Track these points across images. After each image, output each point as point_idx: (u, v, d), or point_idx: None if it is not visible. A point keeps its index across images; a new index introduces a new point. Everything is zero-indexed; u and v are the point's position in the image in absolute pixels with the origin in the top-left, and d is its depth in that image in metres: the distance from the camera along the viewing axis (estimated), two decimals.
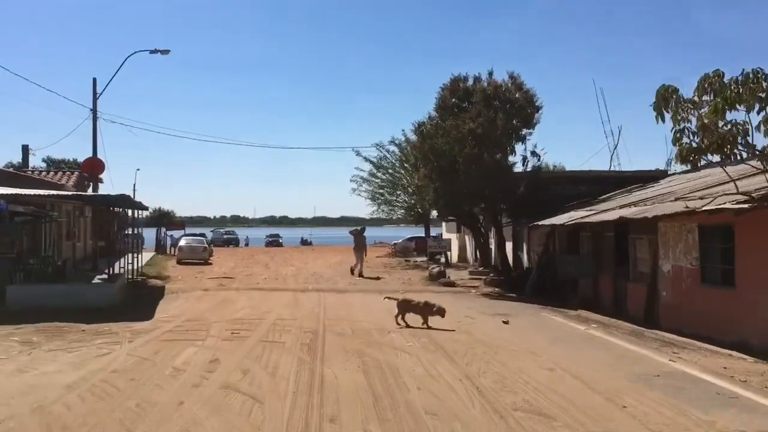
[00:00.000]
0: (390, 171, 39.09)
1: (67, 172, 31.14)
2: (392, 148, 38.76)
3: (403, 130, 38.38)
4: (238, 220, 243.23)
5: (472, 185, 23.32)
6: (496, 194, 23.75)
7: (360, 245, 30.17)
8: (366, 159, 39.48)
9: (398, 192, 39.16)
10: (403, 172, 38.48)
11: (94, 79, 32.06)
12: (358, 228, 33.23)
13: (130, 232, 31.50)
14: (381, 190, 39.58)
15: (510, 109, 23.52)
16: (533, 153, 24.21)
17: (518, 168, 24.69)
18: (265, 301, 19.48)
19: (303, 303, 19.06)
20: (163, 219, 57.39)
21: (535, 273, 23.33)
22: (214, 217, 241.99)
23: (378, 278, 28.22)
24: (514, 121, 23.61)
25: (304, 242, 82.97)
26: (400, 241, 56.19)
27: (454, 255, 39.73)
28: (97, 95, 32.04)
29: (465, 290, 24.19)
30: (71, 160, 59.28)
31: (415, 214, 39.26)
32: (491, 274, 26.04)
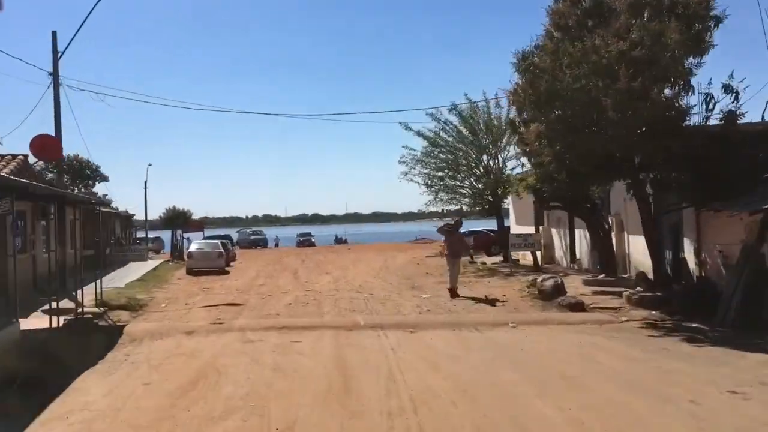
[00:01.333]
0: (449, 148, 29.26)
1: (6, 157, 22.01)
2: (452, 118, 28.94)
3: (466, 94, 28.65)
4: (270, 219, 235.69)
5: (624, 142, 13.73)
6: (667, 156, 14.03)
7: (457, 248, 20.04)
8: (418, 134, 29.72)
9: (461, 175, 29.35)
10: (467, 148, 28.74)
11: (54, 33, 23.02)
12: (451, 221, 23.02)
13: (142, 236, 23.18)
14: (439, 173, 29.77)
15: (681, 14, 13.77)
16: (727, 88, 14.26)
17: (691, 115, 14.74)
18: (279, 373, 9.58)
19: (357, 377, 9.12)
20: (176, 220, 48.12)
21: (736, 288, 13.54)
22: (246, 216, 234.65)
23: (490, 301, 17.54)
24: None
25: (339, 240, 73.70)
26: None
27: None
28: (59, 53, 23.00)
29: (610, 319, 14.49)
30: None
31: (484, 202, 29.42)
32: (638, 289, 16.28)
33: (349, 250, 55.98)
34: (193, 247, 34.09)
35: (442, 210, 28.86)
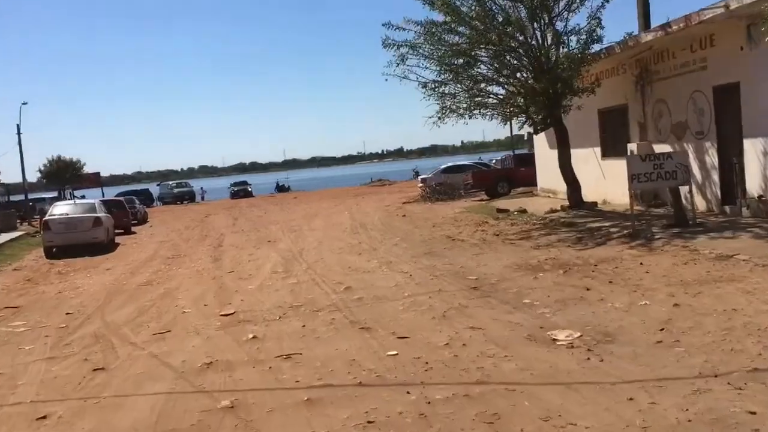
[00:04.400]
0: (470, 17, 15.64)
1: None
2: None
3: None
4: (207, 171, 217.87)
5: None
6: None
7: None
8: (400, 28, 15.83)
9: (480, 65, 15.73)
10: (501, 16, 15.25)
11: None
12: None
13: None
14: (458, 59, 15.67)
15: None
16: None
17: None
18: None
19: None
20: (63, 175, 33.30)
21: None
22: (182, 169, 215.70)
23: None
24: None
25: (281, 188, 60.01)
26: (431, 174, 33.89)
27: (548, 182, 17.93)
28: None
29: None
30: None
31: (540, 106, 15.60)
32: None
33: (296, 199, 42.78)
34: (52, 213, 20.22)
35: (466, 117, 15.50)
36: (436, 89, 16.06)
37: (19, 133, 37.33)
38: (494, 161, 41.13)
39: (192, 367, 6.14)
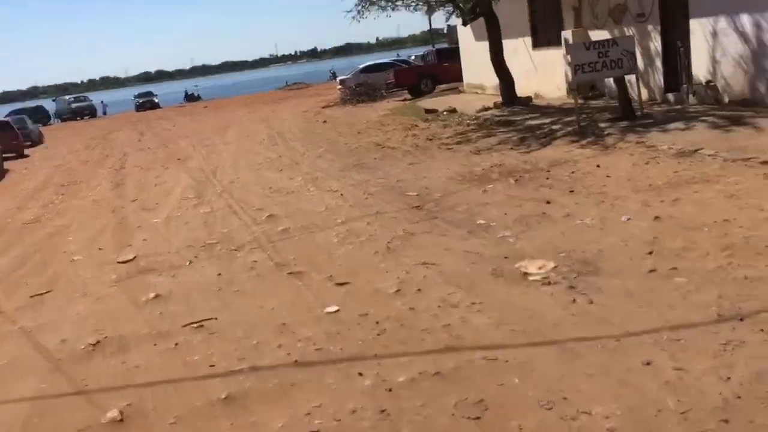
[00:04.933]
0: None
1: None
2: None
3: None
4: (110, 82, 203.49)
5: None
6: None
7: None
8: None
9: None
10: None
11: None
12: None
13: None
14: None
15: None
16: None
17: None
18: None
19: None
20: None
21: None
22: (82, 81, 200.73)
23: None
24: None
25: (190, 98, 55.89)
26: (349, 74, 31.81)
27: (475, 78, 16.58)
28: None
29: None
30: None
31: None
32: None
33: (206, 108, 39.78)
34: None
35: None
36: None
37: None
38: (413, 57, 39.20)
39: (73, 350, 4.69)
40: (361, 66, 31.89)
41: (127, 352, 4.52)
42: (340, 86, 30.02)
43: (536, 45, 16.43)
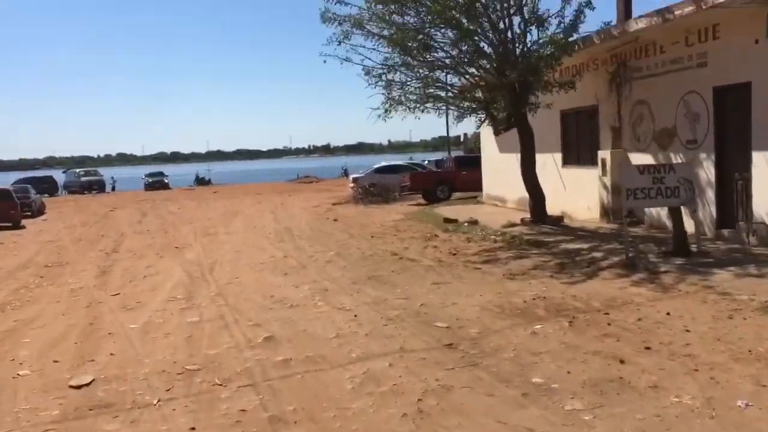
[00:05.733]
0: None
1: None
2: None
3: None
4: (125, 158, 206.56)
5: None
6: None
7: None
8: (342, 1, 12.87)
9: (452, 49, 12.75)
10: None
11: None
12: None
13: None
14: (399, 45, 12.72)
15: None
16: None
17: None
18: None
19: None
20: None
21: None
22: (98, 156, 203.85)
23: None
24: None
25: (201, 181, 55.50)
26: (363, 173, 31.00)
27: (496, 189, 15.27)
28: None
29: None
30: None
31: (505, 102, 12.73)
32: None
33: (215, 193, 38.97)
34: None
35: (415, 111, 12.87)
36: (383, 76, 13.28)
37: None
38: (427, 162, 38.76)
39: None
40: (375, 166, 31.18)
41: None
42: (352, 184, 29.14)
43: (566, 162, 15.43)
